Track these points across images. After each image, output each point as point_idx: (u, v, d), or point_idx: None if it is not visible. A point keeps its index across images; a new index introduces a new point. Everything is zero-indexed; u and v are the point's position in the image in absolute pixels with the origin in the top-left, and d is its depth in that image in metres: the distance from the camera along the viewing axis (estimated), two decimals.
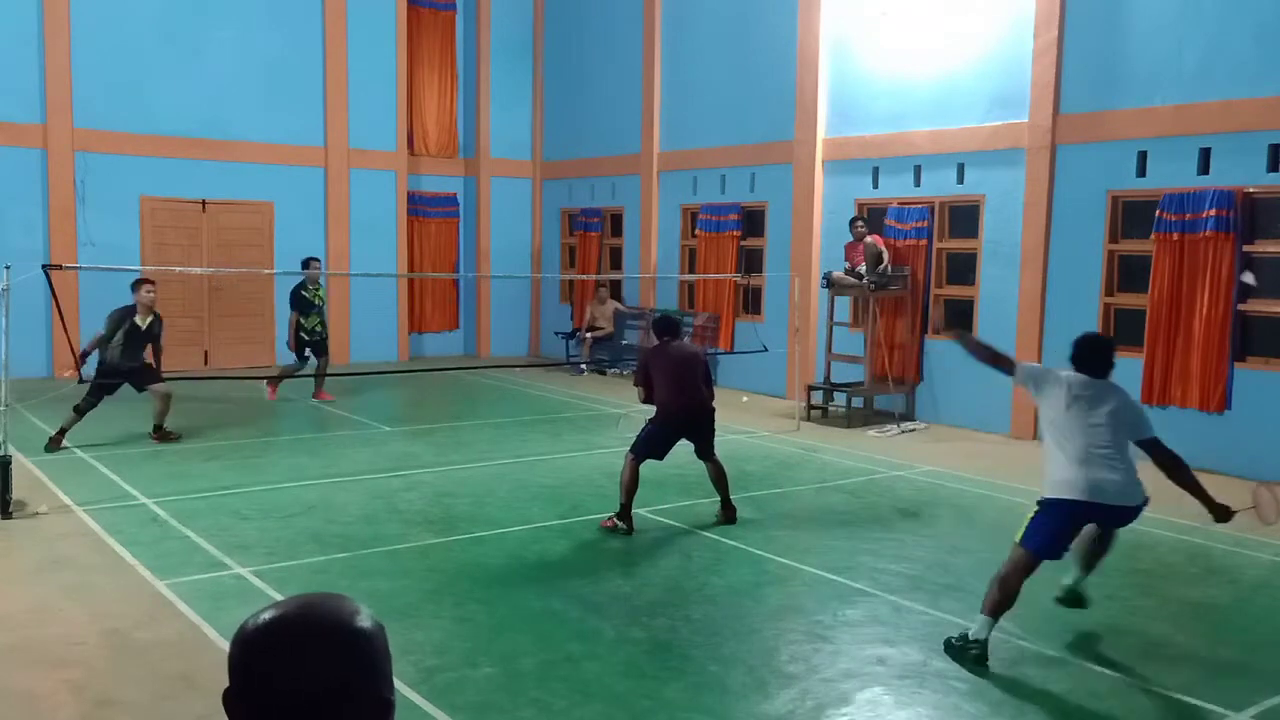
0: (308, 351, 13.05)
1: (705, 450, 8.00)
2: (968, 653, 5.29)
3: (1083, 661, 5.39)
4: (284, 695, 1.27)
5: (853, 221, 12.87)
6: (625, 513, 7.66)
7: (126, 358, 10.45)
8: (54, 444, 10.10)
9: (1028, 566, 5.29)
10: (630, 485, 7.72)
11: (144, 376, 10.62)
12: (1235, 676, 5.31)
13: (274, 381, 13.25)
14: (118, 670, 5.12)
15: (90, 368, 10.63)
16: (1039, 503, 5.39)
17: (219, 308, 16.18)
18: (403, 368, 16.67)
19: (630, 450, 7.84)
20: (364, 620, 1.32)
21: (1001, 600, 5.28)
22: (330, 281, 16.77)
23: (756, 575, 6.81)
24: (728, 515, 7.94)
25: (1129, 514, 5.49)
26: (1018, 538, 5.36)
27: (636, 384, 8.14)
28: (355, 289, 17.10)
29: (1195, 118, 10.21)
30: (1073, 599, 5.94)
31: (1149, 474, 5.46)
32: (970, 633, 5.33)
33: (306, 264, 13.33)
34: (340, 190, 17.06)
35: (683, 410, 7.89)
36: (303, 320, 12.90)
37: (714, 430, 8.06)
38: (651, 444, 7.87)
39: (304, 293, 12.96)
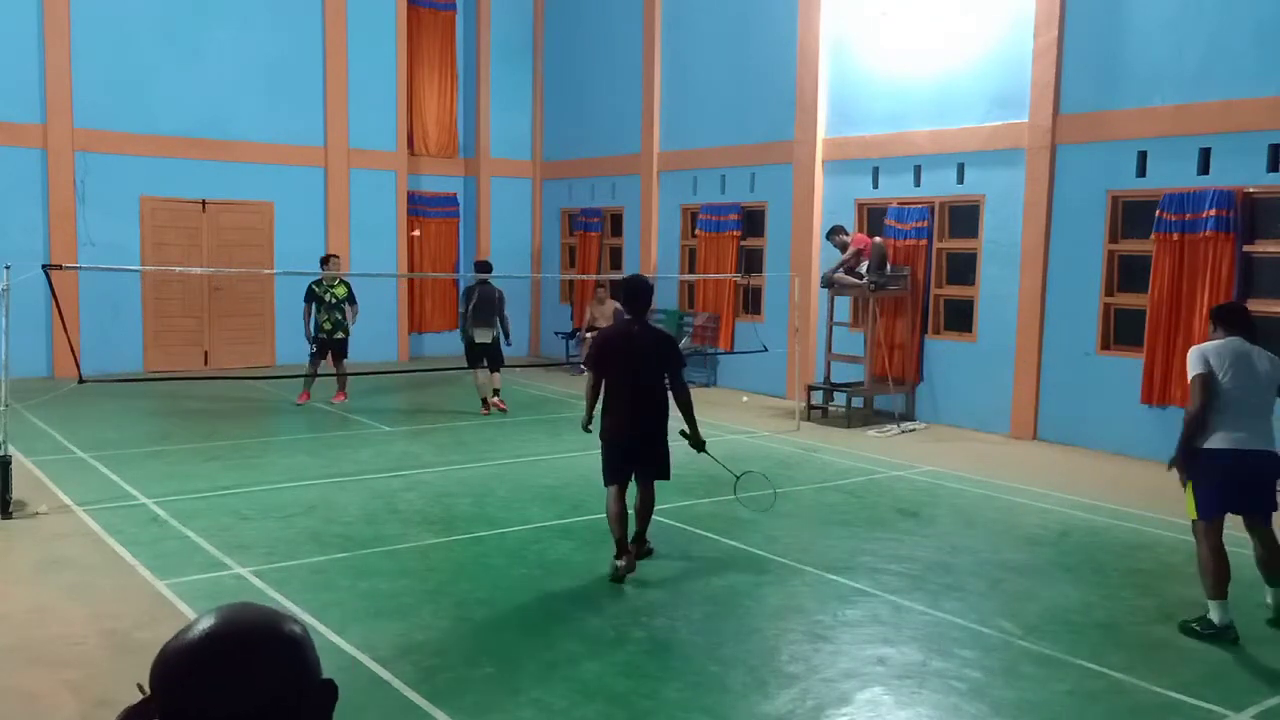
0: (313, 349, 13.00)
1: (654, 472, 6.69)
2: (1225, 637, 5.66)
3: (1083, 661, 5.39)
4: (194, 715, 1.21)
5: (829, 234, 12.92)
6: (619, 548, 6.57)
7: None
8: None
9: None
10: (613, 517, 6.57)
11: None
12: (1235, 676, 5.31)
13: (306, 386, 13.19)
14: (118, 670, 5.11)
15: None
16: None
17: (219, 308, 16.18)
18: (403, 368, 16.67)
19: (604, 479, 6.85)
20: (287, 626, 1.28)
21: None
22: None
23: (756, 575, 6.81)
24: (639, 551, 6.74)
25: None
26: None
27: (587, 366, 6.79)
28: (355, 289, 17.07)
29: (1195, 118, 10.21)
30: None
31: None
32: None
33: (325, 261, 13.41)
34: (340, 190, 17.06)
35: (626, 428, 6.45)
36: (315, 315, 12.98)
37: (666, 454, 6.64)
38: (607, 470, 6.66)
39: (315, 287, 13.03)
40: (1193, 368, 5.89)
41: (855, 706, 4.85)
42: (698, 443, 6.77)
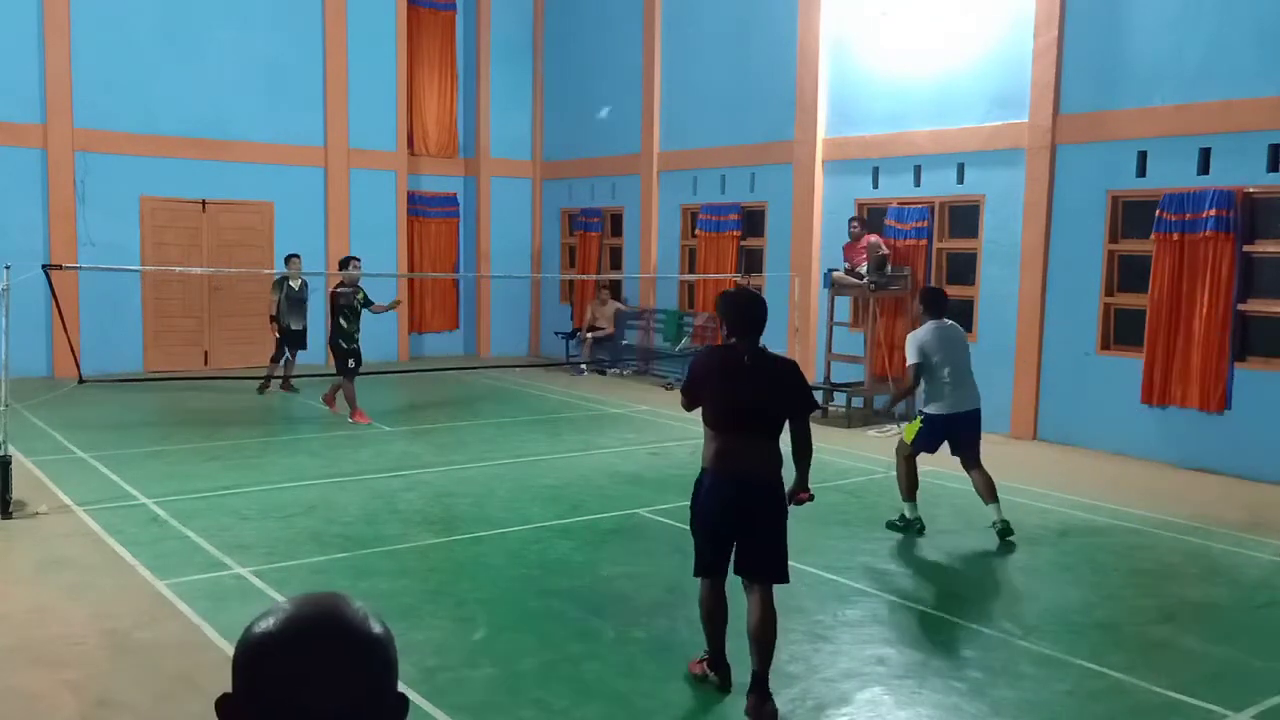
0: (351, 363, 11.76)
1: (765, 565, 4.80)
2: (913, 527, 7.76)
3: (1083, 661, 5.39)
4: (301, 711, 1.17)
5: (850, 221, 12.92)
6: (716, 657, 4.99)
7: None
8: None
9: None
10: (709, 612, 4.94)
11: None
12: (1235, 676, 5.30)
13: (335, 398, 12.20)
14: (118, 670, 5.12)
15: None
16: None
17: (219, 308, 16.18)
18: (403, 368, 16.67)
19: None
20: (375, 624, 1.25)
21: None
22: (330, 282, 16.74)
23: None
24: (760, 709, 4.61)
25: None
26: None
27: (684, 392, 5.07)
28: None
29: (1195, 118, 10.21)
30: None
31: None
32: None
33: (345, 264, 12.11)
34: (340, 190, 17.06)
35: (740, 476, 4.75)
36: (348, 326, 11.76)
37: (784, 531, 4.81)
38: (700, 536, 4.91)
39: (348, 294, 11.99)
40: (910, 356, 7.68)
41: (855, 706, 4.85)
42: (808, 496, 5.05)
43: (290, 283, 13.69)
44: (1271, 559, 7.33)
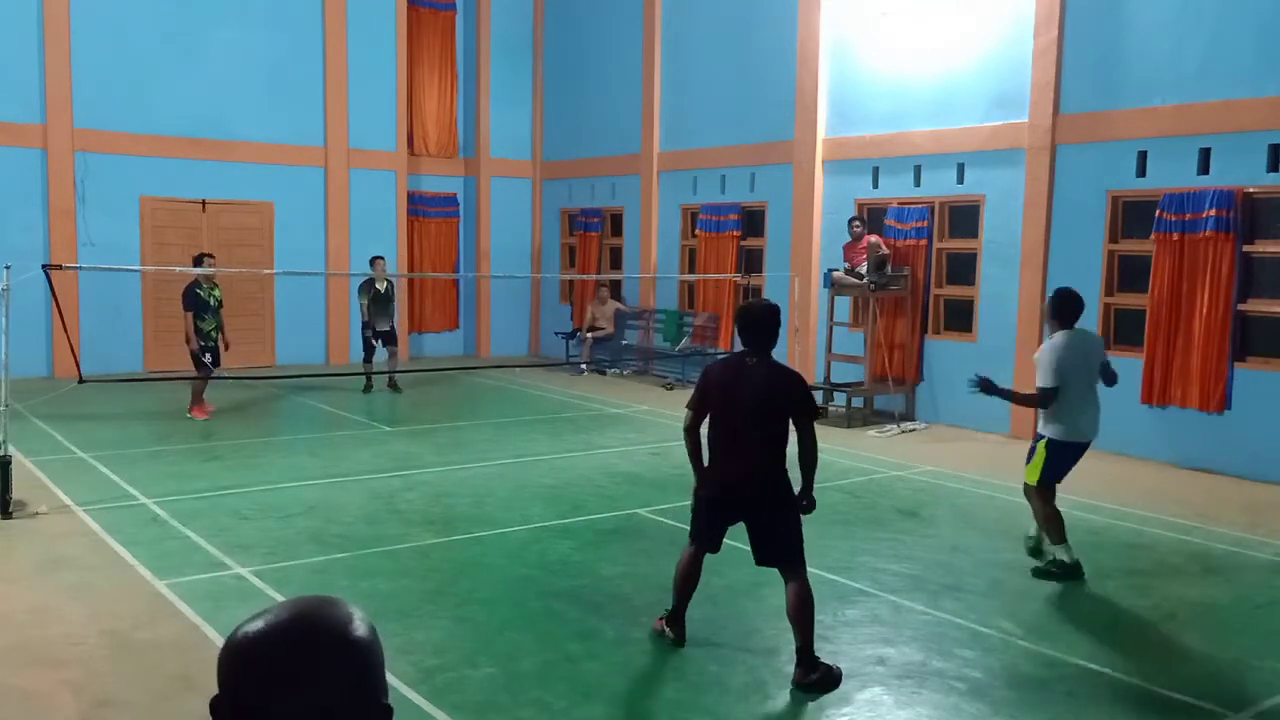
0: (208, 357, 11.77)
1: (773, 553, 5.21)
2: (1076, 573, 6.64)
3: (1083, 661, 5.40)
4: (275, 713, 1.19)
5: (851, 221, 12.92)
6: (675, 615, 5.53)
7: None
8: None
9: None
10: (681, 577, 5.49)
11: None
12: (1235, 676, 5.30)
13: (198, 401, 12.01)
14: (117, 670, 5.12)
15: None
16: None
17: None
18: (403, 368, 16.64)
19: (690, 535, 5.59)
20: (360, 628, 1.25)
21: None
22: (331, 281, 16.80)
23: (756, 575, 6.77)
24: (806, 676, 4.98)
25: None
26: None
27: (689, 406, 5.42)
28: (355, 289, 17.08)
29: (1195, 118, 10.21)
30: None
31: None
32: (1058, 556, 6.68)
33: (199, 260, 11.95)
34: (340, 190, 17.06)
35: (732, 478, 5.21)
36: (199, 323, 11.72)
37: (791, 522, 5.17)
38: (698, 523, 5.47)
39: (198, 291, 11.77)
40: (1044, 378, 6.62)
41: (855, 706, 4.85)
42: (808, 506, 5.34)
43: (377, 285, 13.96)
44: (1271, 559, 7.33)
